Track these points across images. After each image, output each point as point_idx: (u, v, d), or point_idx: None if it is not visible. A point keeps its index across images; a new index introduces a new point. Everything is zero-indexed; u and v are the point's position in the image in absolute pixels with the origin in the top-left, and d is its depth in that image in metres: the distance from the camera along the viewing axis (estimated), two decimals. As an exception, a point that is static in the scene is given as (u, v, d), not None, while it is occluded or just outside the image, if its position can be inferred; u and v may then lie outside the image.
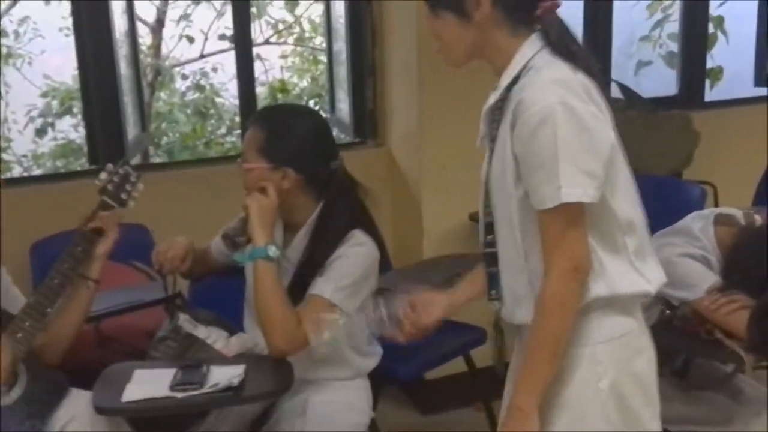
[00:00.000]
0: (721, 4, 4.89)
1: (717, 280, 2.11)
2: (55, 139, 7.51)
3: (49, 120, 7.09)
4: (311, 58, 7.65)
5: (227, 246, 2.19)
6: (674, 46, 4.66)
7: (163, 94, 7.71)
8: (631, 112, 3.63)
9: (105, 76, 3.24)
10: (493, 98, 1.66)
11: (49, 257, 2.20)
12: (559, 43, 1.61)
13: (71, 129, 7.73)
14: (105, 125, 3.29)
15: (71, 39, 7.54)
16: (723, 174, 3.70)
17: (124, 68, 3.35)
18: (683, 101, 4.09)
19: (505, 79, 1.63)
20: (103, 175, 2.14)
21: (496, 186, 1.67)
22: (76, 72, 8.01)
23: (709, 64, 4.76)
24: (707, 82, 4.69)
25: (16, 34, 7.84)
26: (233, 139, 7.13)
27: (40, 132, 7.12)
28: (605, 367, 1.64)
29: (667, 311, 2.18)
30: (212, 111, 7.78)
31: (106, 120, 3.28)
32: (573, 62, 1.59)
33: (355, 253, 2.14)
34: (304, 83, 7.65)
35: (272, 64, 7.78)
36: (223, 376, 1.92)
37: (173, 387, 1.89)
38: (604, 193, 1.58)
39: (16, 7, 7.39)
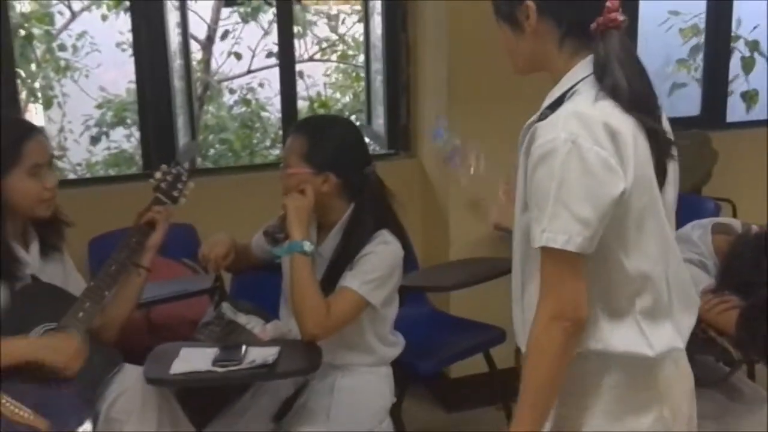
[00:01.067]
0: (754, 28, 5.02)
1: (711, 283, 2.28)
2: (108, 148, 7.75)
3: (104, 129, 7.39)
4: (353, 75, 7.74)
5: (267, 241, 2.40)
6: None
7: (211, 108, 7.96)
8: (653, 131, 3.81)
9: (160, 89, 3.51)
10: (535, 116, 1.58)
11: (105, 251, 2.40)
12: (603, 70, 1.49)
13: (124, 139, 7.99)
14: (158, 134, 3.56)
15: (126, 54, 7.86)
16: (742, 191, 3.85)
17: (176, 81, 3.60)
18: (705, 121, 4.25)
19: (548, 100, 1.56)
20: (158, 174, 2.39)
21: (515, 206, 1.61)
22: (129, 85, 8.33)
23: (745, 87, 4.92)
24: (743, 105, 4.85)
25: (74, 47, 8.09)
26: (277, 151, 7.33)
27: (95, 140, 7.36)
28: (598, 421, 1.58)
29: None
30: (258, 124, 7.97)
31: (160, 129, 3.55)
32: (615, 98, 1.47)
33: (382, 251, 2.33)
34: (346, 99, 7.83)
35: (315, 81, 7.97)
36: (259, 355, 2.13)
37: (215, 363, 2.10)
38: (611, 245, 1.48)
39: (75, 22, 7.58)
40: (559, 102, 1.52)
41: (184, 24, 3.77)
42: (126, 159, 7.38)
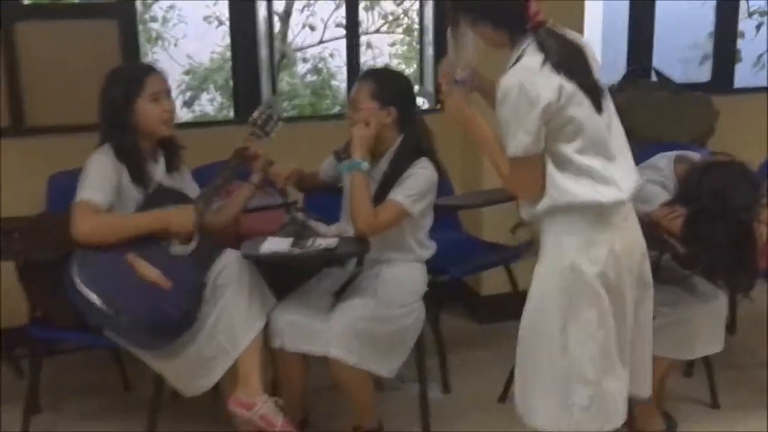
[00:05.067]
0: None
1: (667, 198, 2.92)
2: (193, 111, 8.54)
3: (193, 94, 8.15)
4: (417, 47, 8.47)
5: (336, 158, 3.12)
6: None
7: (286, 76, 8.66)
8: (662, 93, 4.43)
9: (249, 55, 4.27)
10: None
11: (208, 176, 3.06)
12: (542, 49, 2.19)
13: (207, 103, 8.76)
14: (246, 91, 4.32)
15: (211, 26, 8.58)
16: (745, 149, 4.38)
17: (262, 49, 4.34)
18: (715, 87, 4.83)
19: (508, 64, 2.26)
20: (256, 113, 3.08)
21: None
22: (212, 55, 9.08)
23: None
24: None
25: (164, 19, 8.85)
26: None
27: (188, 104, 8.07)
28: (567, 252, 2.27)
29: (636, 222, 3.02)
30: (327, 92, 8.66)
31: (248, 87, 4.32)
32: (549, 63, 2.16)
33: (421, 173, 2.98)
34: (410, 70, 8.42)
35: (382, 52, 8.60)
36: (324, 243, 2.86)
37: (292, 246, 2.84)
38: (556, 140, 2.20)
39: None
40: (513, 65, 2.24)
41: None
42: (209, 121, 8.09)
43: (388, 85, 3.05)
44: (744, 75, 5.50)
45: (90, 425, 3.35)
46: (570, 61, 2.23)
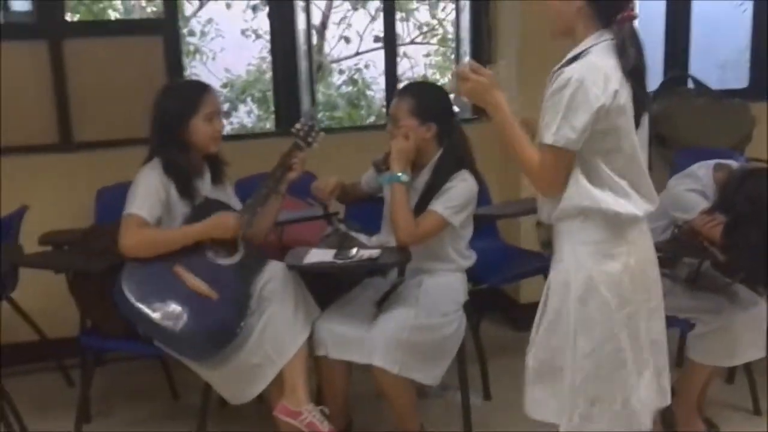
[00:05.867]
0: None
1: (707, 206, 2.95)
2: (231, 123, 8.63)
3: (232, 106, 8.25)
4: (452, 57, 8.35)
5: (376, 170, 3.17)
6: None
7: (321, 87, 8.74)
8: (700, 100, 4.44)
9: (288, 65, 4.37)
10: (557, 66, 2.22)
11: (249, 188, 3.13)
12: (622, 48, 2.14)
13: (245, 115, 8.85)
14: (287, 102, 4.41)
15: (248, 39, 8.65)
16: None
17: (301, 61, 4.43)
18: (752, 93, 4.82)
19: (569, 56, 2.21)
20: (297, 125, 3.13)
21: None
22: (249, 67, 9.16)
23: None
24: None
25: (202, 33, 8.94)
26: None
27: (227, 115, 8.13)
28: (583, 263, 2.25)
29: (676, 229, 3.06)
30: (362, 102, 8.72)
31: (288, 98, 4.40)
32: (623, 64, 2.12)
33: (462, 185, 3.02)
34: (445, 79, 8.53)
35: (417, 62, 8.64)
36: (366, 253, 2.91)
37: (335, 257, 2.90)
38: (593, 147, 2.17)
39: (203, 10, 8.37)
40: (575, 59, 2.19)
41: (307, 11, 4.58)
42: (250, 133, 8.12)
43: (428, 101, 3.10)
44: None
45: (139, 432, 3.43)
46: (641, 72, 2.21)
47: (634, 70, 2.18)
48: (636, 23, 2.21)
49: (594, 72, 2.13)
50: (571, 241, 2.29)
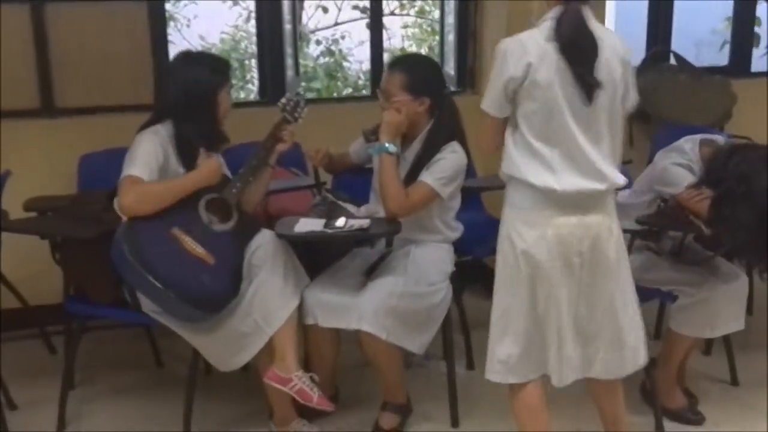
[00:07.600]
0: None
1: (693, 180, 2.99)
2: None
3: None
4: (429, 29, 8.20)
5: (365, 139, 3.17)
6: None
7: (299, 58, 8.65)
8: (682, 76, 4.49)
9: (274, 35, 4.35)
10: None
11: (234, 158, 3.12)
12: (558, 25, 2.28)
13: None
14: (272, 69, 4.39)
15: (223, 6, 8.42)
16: (761, 131, 4.47)
17: (286, 28, 4.40)
18: (732, 70, 4.88)
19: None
20: (284, 99, 3.12)
21: None
22: (222, 35, 8.99)
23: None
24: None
25: None
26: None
27: None
28: (507, 221, 2.45)
29: (662, 204, 3.09)
30: (339, 74, 8.66)
31: (273, 66, 4.38)
32: (556, 41, 2.26)
33: (451, 157, 3.04)
34: (422, 51, 8.49)
35: (394, 33, 8.56)
36: (356, 223, 2.91)
37: (325, 226, 2.90)
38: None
39: None
40: None
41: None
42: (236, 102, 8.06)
43: (421, 75, 3.10)
44: (756, 61, 5.48)
45: (124, 400, 3.43)
46: (577, 49, 2.30)
47: (567, 46, 2.28)
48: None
49: (515, 44, 2.32)
50: (507, 201, 2.48)
